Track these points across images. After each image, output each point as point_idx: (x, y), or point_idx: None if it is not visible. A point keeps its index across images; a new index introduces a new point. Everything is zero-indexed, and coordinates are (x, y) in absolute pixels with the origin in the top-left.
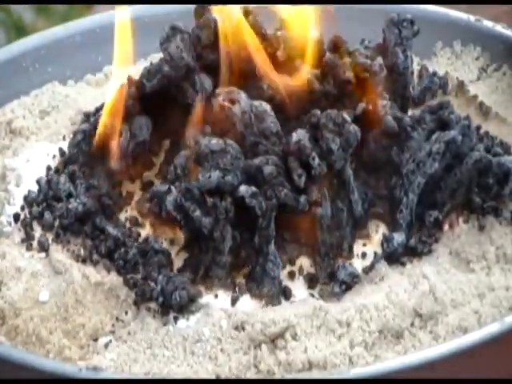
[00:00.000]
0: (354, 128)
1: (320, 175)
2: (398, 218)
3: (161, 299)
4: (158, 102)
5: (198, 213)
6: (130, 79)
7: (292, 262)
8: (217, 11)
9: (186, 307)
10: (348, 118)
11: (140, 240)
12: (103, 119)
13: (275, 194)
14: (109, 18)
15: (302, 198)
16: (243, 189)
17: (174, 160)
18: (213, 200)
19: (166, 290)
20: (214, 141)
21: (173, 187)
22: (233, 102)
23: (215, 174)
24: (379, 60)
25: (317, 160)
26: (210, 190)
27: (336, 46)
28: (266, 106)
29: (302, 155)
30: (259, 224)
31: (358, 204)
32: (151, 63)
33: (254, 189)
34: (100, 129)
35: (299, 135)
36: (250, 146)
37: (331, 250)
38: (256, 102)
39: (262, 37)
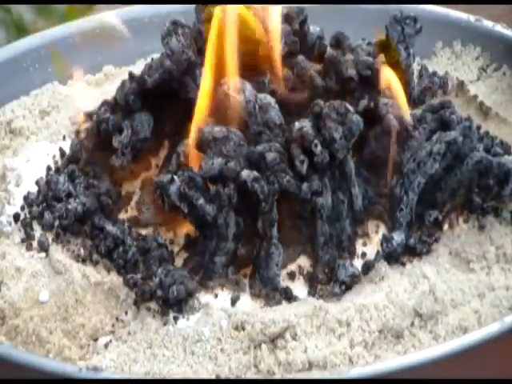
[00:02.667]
0: (356, 118)
1: (322, 163)
2: (398, 217)
3: (159, 292)
4: (159, 97)
5: (201, 201)
6: (131, 75)
7: (292, 260)
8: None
9: (184, 302)
10: (351, 108)
11: (140, 238)
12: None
13: (277, 179)
14: (109, 18)
15: (304, 186)
16: (245, 173)
17: (177, 148)
18: (216, 187)
19: (164, 283)
20: (217, 128)
21: (175, 177)
22: (237, 91)
23: (218, 161)
24: (381, 57)
25: (319, 147)
26: (212, 176)
27: (338, 43)
28: (271, 99)
29: (304, 142)
30: (262, 208)
31: (358, 198)
32: (152, 59)
33: (256, 173)
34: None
35: (302, 123)
36: (254, 135)
37: (330, 240)
38: (261, 95)
39: (263, 31)
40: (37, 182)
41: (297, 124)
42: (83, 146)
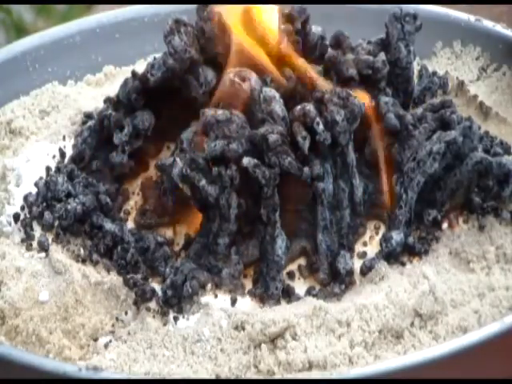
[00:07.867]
0: (358, 101)
1: (324, 143)
2: (397, 215)
3: (170, 293)
4: (161, 95)
5: (203, 182)
6: (134, 73)
7: (293, 257)
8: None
9: (196, 295)
10: (352, 93)
11: (139, 238)
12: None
13: (279, 161)
14: (109, 17)
15: (306, 169)
16: (246, 160)
17: (181, 135)
18: (218, 169)
19: (176, 281)
20: (220, 111)
21: (177, 158)
22: (243, 79)
23: (220, 142)
24: (382, 56)
25: (321, 126)
26: (214, 157)
27: (338, 42)
28: (275, 93)
29: (306, 119)
30: (264, 193)
31: (358, 189)
32: (155, 57)
33: (256, 161)
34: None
35: (304, 105)
36: (257, 122)
37: (331, 226)
38: (266, 88)
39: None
40: (36, 184)
41: (299, 106)
42: (87, 144)
